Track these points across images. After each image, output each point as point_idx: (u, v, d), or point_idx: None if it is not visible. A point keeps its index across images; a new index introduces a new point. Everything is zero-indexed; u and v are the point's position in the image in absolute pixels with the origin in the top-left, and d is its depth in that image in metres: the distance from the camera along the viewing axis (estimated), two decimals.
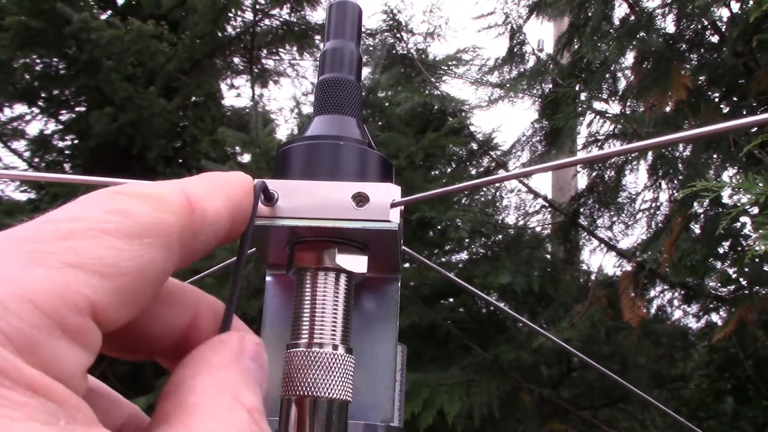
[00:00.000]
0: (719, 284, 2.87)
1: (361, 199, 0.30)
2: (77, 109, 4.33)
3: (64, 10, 3.20)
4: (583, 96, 2.90)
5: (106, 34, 3.30)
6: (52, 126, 4.44)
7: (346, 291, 0.30)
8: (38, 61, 4.00)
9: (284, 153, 0.32)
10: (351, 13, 0.36)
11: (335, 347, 0.29)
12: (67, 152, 4.52)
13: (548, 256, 3.10)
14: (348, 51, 0.36)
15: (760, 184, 1.72)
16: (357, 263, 0.30)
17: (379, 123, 3.04)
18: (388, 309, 0.34)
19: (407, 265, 3.41)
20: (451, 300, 3.06)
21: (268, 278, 0.35)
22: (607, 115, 2.85)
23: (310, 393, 0.28)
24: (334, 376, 0.29)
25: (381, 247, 0.31)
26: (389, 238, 0.30)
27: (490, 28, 3.37)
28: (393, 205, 0.30)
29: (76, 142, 4.42)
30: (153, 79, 3.89)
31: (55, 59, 3.89)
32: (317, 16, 3.77)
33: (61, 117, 4.45)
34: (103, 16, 3.78)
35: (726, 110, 2.62)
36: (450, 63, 3.91)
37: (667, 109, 2.55)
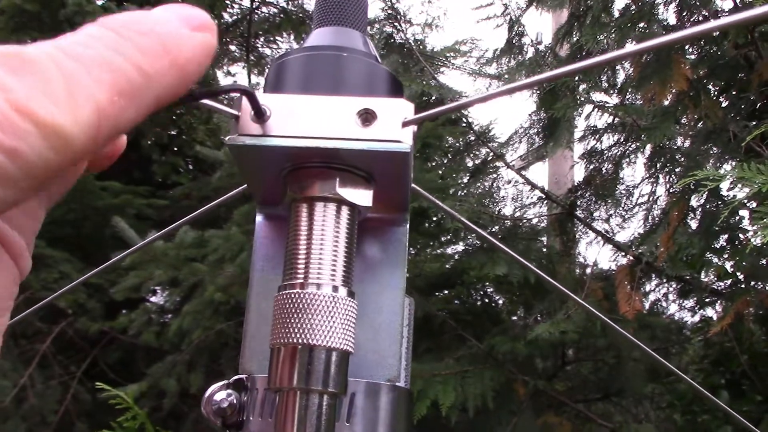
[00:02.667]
0: (715, 278, 2.86)
1: (367, 116, 0.25)
2: None
3: None
4: (581, 88, 2.87)
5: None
6: None
7: (349, 226, 0.26)
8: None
9: (279, 66, 0.28)
10: None
11: (335, 289, 0.25)
12: None
13: (544, 248, 3.07)
14: None
15: (762, 174, 1.70)
16: (361, 195, 0.26)
17: None
18: (396, 254, 0.30)
19: None
20: (446, 292, 3.04)
21: (258, 217, 0.31)
22: (606, 105, 2.83)
23: (305, 341, 0.24)
24: (335, 322, 0.25)
25: (389, 177, 0.27)
26: (400, 163, 0.26)
27: (488, 19, 3.34)
28: (405, 124, 0.25)
29: None
30: None
31: None
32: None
33: None
34: (99, 1, 3.73)
35: (725, 104, 2.59)
36: (448, 54, 3.87)
37: (666, 102, 2.52)
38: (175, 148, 4.17)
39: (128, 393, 2.10)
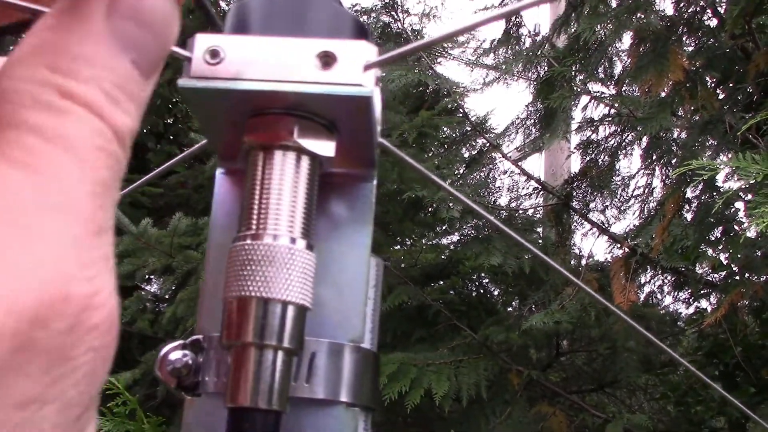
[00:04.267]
0: (710, 270, 2.86)
1: (327, 59, 0.24)
2: None
3: None
4: (578, 78, 2.86)
5: None
6: None
7: (309, 177, 0.25)
8: None
9: (238, 7, 0.27)
10: None
11: (293, 240, 0.24)
12: None
13: (540, 239, 3.07)
14: None
15: (757, 164, 1.70)
16: (323, 145, 0.25)
17: None
18: (362, 212, 0.29)
19: (397, 246, 3.38)
20: (442, 282, 3.04)
21: (218, 172, 0.30)
22: (602, 96, 2.82)
23: (260, 294, 0.23)
24: (291, 276, 0.23)
25: (352, 126, 0.26)
26: (362, 109, 0.25)
27: (486, 10, 3.33)
28: (367, 67, 0.24)
29: None
30: None
31: None
32: None
33: None
34: None
35: (722, 94, 2.59)
36: (445, 44, 3.86)
37: (662, 93, 2.52)
38: (171, 137, 4.16)
39: (120, 380, 2.10)
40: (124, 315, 2.92)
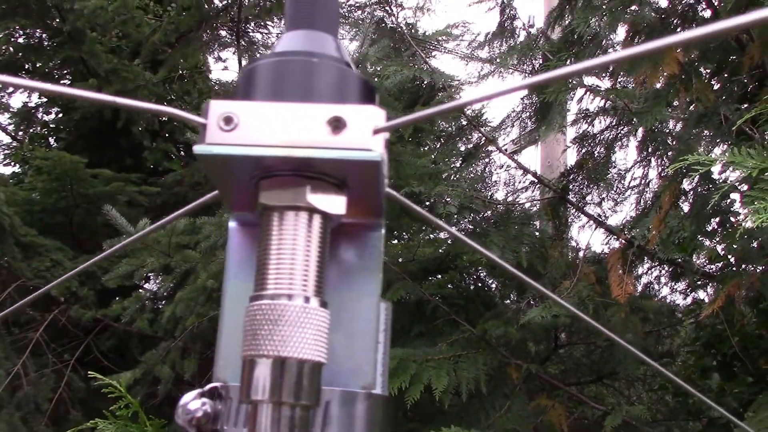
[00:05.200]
0: (707, 261, 2.87)
1: (337, 123, 0.24)
2: (61, 81, 4.26)
3: None
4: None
5: (90, 4, 3.23)
6: (35, 99, 4.37)
7: (321, 235, 0.26)
8: (21, 32, 3.93)
9: (249, 72, 0.27)
10: None
11: (307, 299, 0.25)
12: (51, 126, 4.46)
13: (537, 233, 3.07)
14: None
15: (752, 158, 1.71)
16: (333, 203, 0.26)
17: None
18: (370, 260, 0.29)
19: (395, 241, 3.39)
20: (440, 276, 3.05)
21: (231, 224, 0.30)
22: (597, 89, 2.82)
23: (276, 352, 0.24)
24: (306, 334, 0.24)
25: (361, 184, 0.27)
26: (371, 172, 0.25)
27: (480, 3, 3.32)
28: (376, 132, 0.25)
29: (60, 115, 4.35)
30: (138, 51, 3.82)
31: (38, 30, 3.82)
32: None
33: None
34: None
35: (717, 86, 2.59)
36: (440, 37, 3.86)
37: (658, 85, 2.52)
38: (167, 134, 4.15)
39: (121, 381, 2.10)
40: (123, 315, 2.93)
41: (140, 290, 3.19)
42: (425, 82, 3.30)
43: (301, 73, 0.26)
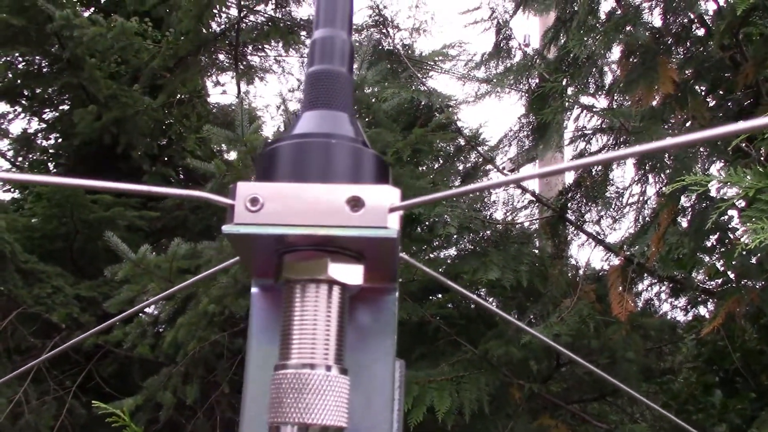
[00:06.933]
0: (707, 277, 2.88)
1: (356, 203, 0.26)
2: (60, 107, 4.29)
3: (46, 7, 3.16)
4: (570, 91, 2.88)
5: (89, 31, 3.26)
6: (35, 125, 4.39)
7: (340, 305, 0.27)
8: (20, 59, 3.96)
9: (271, 153, 0.29)
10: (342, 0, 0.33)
11: (328, 368, 0.26)
12: (51, 151, 4.47)
13: (536, 252, 3.08)
14: (339, 41, 0.32)
15: (749, 178, 1.72)
16: (352, 274, 0.27)
17: (366, 119, 3.01)
18: (386, 322, 0.31)
19: None
20: (440, 296, 3.05)
21: (253, 290, 0.32)
22: (594, 109, 2.84)
23: (300, 419, 0.25)
24: (328, 401, 0.26)
25: (378, 255, 0.28)
26: (388, 247, 0.27)
27: (476, 23, 3.36)
28: (392, 210, 0.27)
29: (59, 141, 4.37)
30: (137, 76, 3.85)
31: (38, 57, 3.85)
32: (303, 11, 3.73)
33: (44, 115, 4.41)
34: (86, 14, 3.73)
35: (712, 103, 2.61)
36: (436, 58, 3.89)
37: (654, 103, 2.54)
38: (166, 158, 4.17)
39: (124, 409, 2.10)
40: (124, 341, 2.92)
41: (141, 315, 3.19)
42: (422, 103, 3.32)
43: (320, 154, 0.28)
